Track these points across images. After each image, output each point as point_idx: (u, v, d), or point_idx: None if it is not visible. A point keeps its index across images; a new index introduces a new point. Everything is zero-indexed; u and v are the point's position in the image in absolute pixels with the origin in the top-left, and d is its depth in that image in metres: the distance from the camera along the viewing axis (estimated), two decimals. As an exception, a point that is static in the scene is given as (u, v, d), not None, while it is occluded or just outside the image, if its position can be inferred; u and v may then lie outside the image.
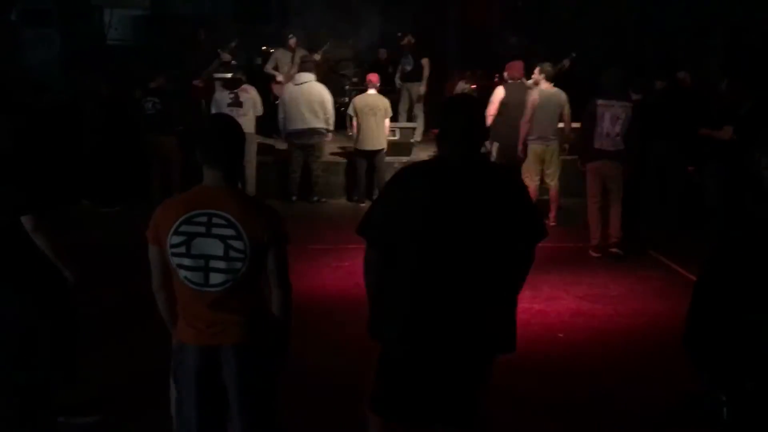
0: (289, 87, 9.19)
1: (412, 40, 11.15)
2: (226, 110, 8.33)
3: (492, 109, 8.08)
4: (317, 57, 10.67)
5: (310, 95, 8.88)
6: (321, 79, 9.72)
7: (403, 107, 11.02)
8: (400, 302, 2.81)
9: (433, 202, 2.75)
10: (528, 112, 7.85)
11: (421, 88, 10.98)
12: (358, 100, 9.26)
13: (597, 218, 7.22)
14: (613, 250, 7.15)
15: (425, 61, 11.04)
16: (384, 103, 9.24)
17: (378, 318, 2.93)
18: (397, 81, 11.15)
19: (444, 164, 2.88)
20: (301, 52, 10.62)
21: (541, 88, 7.93)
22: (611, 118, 6.92)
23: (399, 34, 11.45)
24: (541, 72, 7.97)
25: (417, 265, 2.77)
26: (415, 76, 10.98)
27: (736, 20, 9.33)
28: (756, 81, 7.78)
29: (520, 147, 7.96)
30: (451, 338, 2.78)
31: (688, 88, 8.38)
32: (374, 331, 2.96)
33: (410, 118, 11.02)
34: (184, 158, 8.48)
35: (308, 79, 9.00)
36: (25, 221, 3.43)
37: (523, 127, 7.88)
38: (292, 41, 10.71)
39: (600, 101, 6.96)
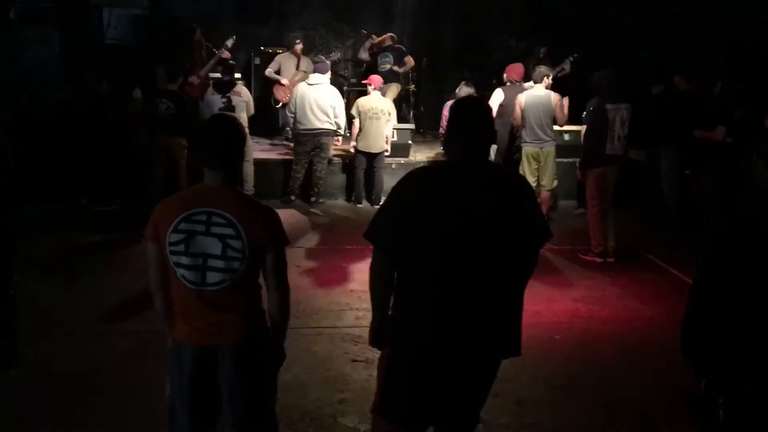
0: (302, 87, 9.05)
1: (395, 38, 10.96)
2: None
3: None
4: (333, 57, 10.68)
5: (321, 97, 8.85)
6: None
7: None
8: (423, 306, 2.74)
9: (451, 206, 2.70)
10: (516, 115, 7.84)
11: (395, 87, 10.73)
12: (362, 102, 9.23)
13: (602, 225, 7.11)
14: (611, 259, 7.09)
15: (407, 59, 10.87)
16: (387, 105, 9.24)
17: (392, 323, 2.84)
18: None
19: (457, 167, 2.83)
20: (305, 59, 10.50)
21: (528, 91, 7.87)
22: (621, 122, 6.89)
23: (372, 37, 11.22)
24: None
25: (440, 269, 2.70)
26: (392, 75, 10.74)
27: (733, 25, 9.36)
28: (754, 84, 7.80)
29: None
30: (472, 339, 2.74)
31: (684, 92, 8.39)
32: (383, 337, 2.88)
33: None
34: (189, 159, 8.44)
35: (321, 80, 8.94)
36: None
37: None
38: (298, 46, 10.54)
39: (609, 106, 6.86)
